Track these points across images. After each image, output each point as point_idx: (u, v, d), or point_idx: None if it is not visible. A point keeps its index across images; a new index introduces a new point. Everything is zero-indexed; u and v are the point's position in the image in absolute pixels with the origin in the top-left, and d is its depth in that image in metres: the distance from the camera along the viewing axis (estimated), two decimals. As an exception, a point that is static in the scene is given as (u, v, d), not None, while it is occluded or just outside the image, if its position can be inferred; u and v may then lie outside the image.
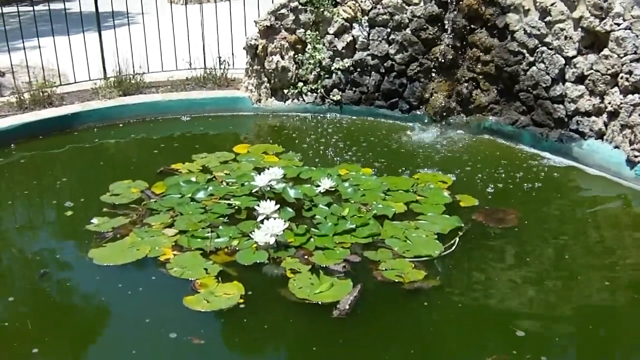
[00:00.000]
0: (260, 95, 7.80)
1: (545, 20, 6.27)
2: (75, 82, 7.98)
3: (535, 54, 6.39)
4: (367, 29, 7.42)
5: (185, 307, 4.03)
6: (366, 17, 7.39)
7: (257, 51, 7.61)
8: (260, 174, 5.43)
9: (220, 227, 4.93)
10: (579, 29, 6.06)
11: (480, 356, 3.65)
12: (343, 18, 7.45)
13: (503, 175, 5.97)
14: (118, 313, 4.12)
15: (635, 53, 5.69)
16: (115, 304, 4.20)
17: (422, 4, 7.04)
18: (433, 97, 7.12)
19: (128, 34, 7.99)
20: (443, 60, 6.95)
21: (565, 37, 6.15)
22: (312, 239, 4.77)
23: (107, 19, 8.67)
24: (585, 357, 3.79)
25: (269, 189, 5.35)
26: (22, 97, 7.30)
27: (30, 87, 7.50)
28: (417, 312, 4.10)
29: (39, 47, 7.64)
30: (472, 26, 6.81)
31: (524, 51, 6.46)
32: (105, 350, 3.79)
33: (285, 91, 7.79)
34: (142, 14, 8.50)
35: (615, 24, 5.78)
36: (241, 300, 4.09)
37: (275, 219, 4.76)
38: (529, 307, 4.17)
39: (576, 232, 5.07)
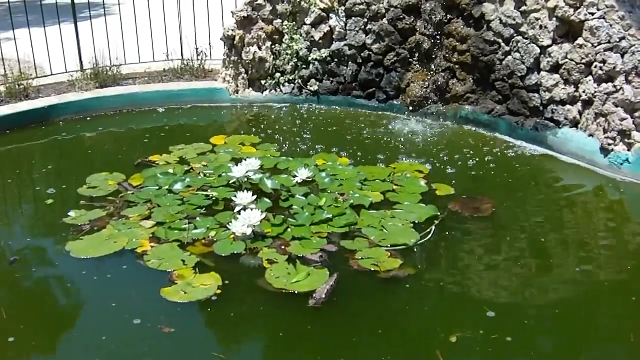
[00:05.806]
0: (237, 86, 7.79)
1: (521, 9, 6.31)
2: (52, 74, 7.91)
3: (510, 44, 6.44)
4: (344, 19, 7.43)
5: (163, 298, 4.03)
6: (343, 7, 7.38)
7: (234, 42, 7.60)
8: (237, 165, 5.43)
9: (198, 218, 4.94)
10: (554, 18, 6.11)
11: (447, 335, 3.72)
12: (320, 8, 7.45)
13: (479, 164, 6.02)
14: (94, 304, 4.12)
15: (608, 42, 5.76)
16: (92, 296, 4.21)
17: (398, -7, 7.07)
18: (410, 87, 7.15)
19: (104, 25, 7.93)
20: (419, 50, 6.99)
21: (540, 27, 6.19)
22: (289, 229, 4.80)
23: (83, 10, 8.59)
24: (550, 340, 3.83)
25: (246, 179, 5.36)
26: (-3, 90, 7.25)
27: (6, 79, 7.43)
28: (392, 300, 4.14)
29: (14, 38, 7.56)
30: (449, 16, 6.84)
31: (500, 40, 6.50)
32: (80, 340, 3.80)
33: (263, 82, 7.78)
34: (119, 4, 8.44)
35: (590, 13, 5.84)
36: (218, 291, 4.10)
37: (252, 209, 4.77)
38: (501, 292, 4.23)
39: (551, 220, 5.13)
